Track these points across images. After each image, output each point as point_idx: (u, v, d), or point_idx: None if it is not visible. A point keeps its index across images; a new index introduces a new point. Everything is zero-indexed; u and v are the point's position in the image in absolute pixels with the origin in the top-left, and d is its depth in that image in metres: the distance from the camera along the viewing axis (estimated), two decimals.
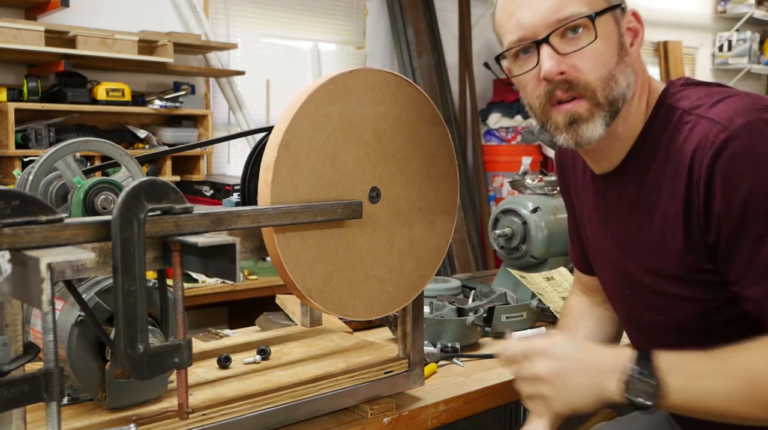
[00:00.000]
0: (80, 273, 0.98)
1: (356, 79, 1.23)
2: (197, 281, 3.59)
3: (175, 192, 1.01)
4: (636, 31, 1.18)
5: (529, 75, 1.15)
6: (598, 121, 1.13)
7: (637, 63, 1.18)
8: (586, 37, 1.11)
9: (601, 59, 1.12)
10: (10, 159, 3.44)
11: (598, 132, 1.14)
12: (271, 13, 4.70)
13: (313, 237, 1.19)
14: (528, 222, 2.04)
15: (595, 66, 1.11)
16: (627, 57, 1.15)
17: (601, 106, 1.13)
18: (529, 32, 1.12)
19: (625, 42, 1.15)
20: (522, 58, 1.16)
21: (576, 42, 1.11)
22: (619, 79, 1.13)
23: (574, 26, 1.10)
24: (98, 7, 3.94)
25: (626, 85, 1.14)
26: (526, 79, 1.16)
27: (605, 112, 1.13)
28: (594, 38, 1.10)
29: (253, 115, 4.47)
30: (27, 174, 1.18)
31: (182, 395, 1.07)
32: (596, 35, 1.10)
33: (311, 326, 1.70)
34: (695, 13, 7.52)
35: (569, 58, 1.11)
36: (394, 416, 1.33)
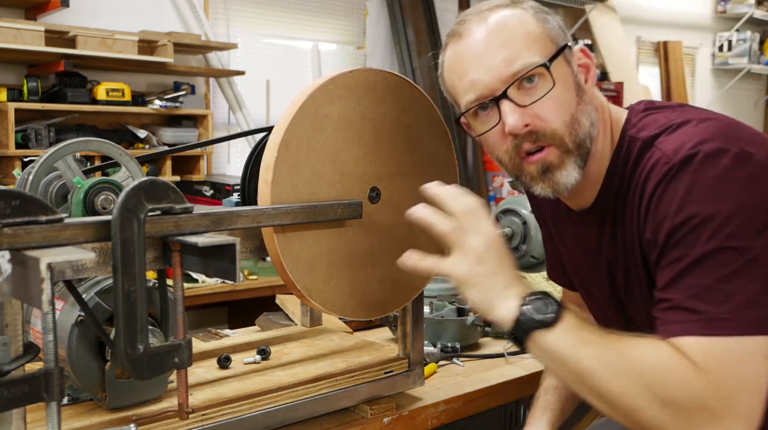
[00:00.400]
0: (80, 273, 0.98)
1: (356, 79, 1.23)
2: (197, 281, 3.59)
3: (175, 192, 1.01)
4: (587, 66, 1.16)
5: (493, 132, 1.13)
6: (570, 166, 1.12)
7: (595, 99, 1.16)
8: (543, 86, 1.09)
9: (562, 104, 1.10)
10: (10, 159, 3.44)
11: (573, 177, 1.12)
12: (271, 13, 4.70)
13: (313, 237, 1.19)
14: (528, 222, 2.04)
15: (558, 112, 1.10)
16: (585, 95, 1.13)
17: (570, 152, 1.11)
18: (485, 90, 1.10)
19: (580, 80, 1.14)
20: (482, 115, 1.13)
21: (534, 92, 1.09)
22: (582, 120, 1.11)
23: (529, 76, 1.08)
24: (98, 7, 3.94)
25: (590, 124, 1.13)
26: (491, 136, 1.14)
27: (575, 156, 1.12)
28: (552, 85, 1.08)
29: (253, 115, 4.47)
30: (27, 174, 1.18)
31: (182, 395, 1.07)
32: (554, 82, 1.09)
33: (311, 326, 1.70)
34: (695, 13, 7.53)
35: (530, 109, 1.09)
36: (394, 416, 1.33)
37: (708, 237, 0.98)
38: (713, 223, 0.98)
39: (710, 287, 0.97)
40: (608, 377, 0.99)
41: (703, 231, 0.98)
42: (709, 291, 0.97)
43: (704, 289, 0.98)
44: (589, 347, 1.02)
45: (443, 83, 1.19)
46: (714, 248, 0.97)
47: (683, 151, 1.01)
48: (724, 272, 0.97)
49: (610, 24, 6.33)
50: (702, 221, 0.98)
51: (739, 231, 0.97)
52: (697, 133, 1.04)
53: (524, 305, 1.04)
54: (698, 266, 0.98)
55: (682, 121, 1.08)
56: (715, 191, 0.98)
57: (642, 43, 7.01)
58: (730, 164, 0.99)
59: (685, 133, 1.05)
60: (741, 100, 8.09)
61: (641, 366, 0.98)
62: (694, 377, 0.96)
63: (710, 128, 1.04)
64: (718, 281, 0.97)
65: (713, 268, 0.97)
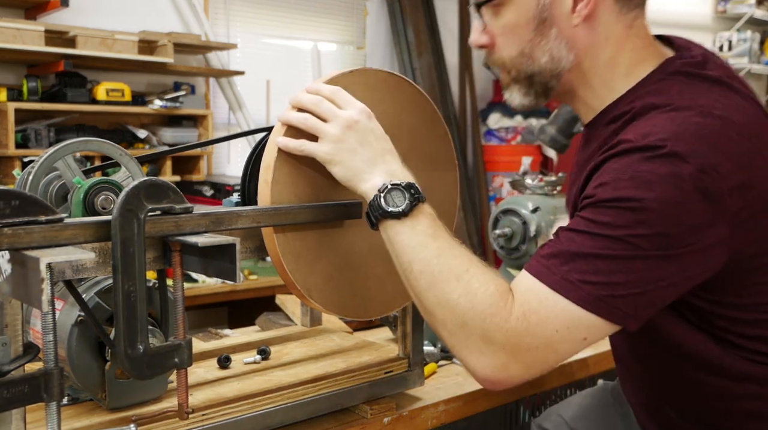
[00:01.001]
0: (80, 273, 0.98)
1: (356, 79, 1.23)
2: (197, 281, 3.59)
3: (175, 192, 1.01)
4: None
5: None
6: (515, 91, 1.17)
7: (584, 34, 1.10)
8: (505, 12, 1.12)
9: (512, 37, 1.13)
10: (10, 159, 3.44)
11: (517, 100, 1.17)
12: (271, 13, 4.70)
13: (313, 237, 1.19)
14: (528, 222, 2.04)
15: (506, 43, 1.13)
16: (552, 29, 1.10)
17: (516, 80, 1.15)
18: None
19: (550, 14, 1.09)
20: None
21: (497, 14, 1.12)
22: (536, 55, 1.12)
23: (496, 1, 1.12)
24: (98, 7, 3.94)
25: (548, 59, 1.12)
26: None
27: (519, 84, 1.15)
28: (509, 15, 1.11)
29: (253, 115, 4.47)
30: (27, 174, 1.18)
31: (182, 395, 1.07)
32: (513, 12, 1.11)
33: (311, 326, 1.70)
34: (695, 13, 7.52)
35: (488, 31, 1.14)
36: (394, 416, 1.33)
37: (618, 216, 0.97)
38: (630, 207, 0.96)
39: (582, 254, 0.98)
40: (427, 286, 1.05)
41: (620, 210, 0.97)
42: (577, 256, 0.98)
43: (575, 254, 0.99)
44: (426, 251, 1.06)
45: None
46: (616, 234, 0.96)
47: (652, 138, 0.98)
48: (608, 253, 0.97)
49: None
50: (622, 201, 0.97)
51: (652, 231, 0.95)
52: (682, 126, 0.99)
53: (381, 191, 1.08)
54: (586, 235, 0.99)
55: (687, 104, 1.03)
56: (652, 185, 0.95)
57: None
58: (685, 174, 0.95)
59: (674, 119, 1.01)
60: None
61: (461, 288, 1.02)
62: (505, 312, 1.00)
63: (701, 128, 0.99)
64: (594, 256, 0.97)
65: (599, 244, 0.97)
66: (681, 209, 0.95)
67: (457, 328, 1.03)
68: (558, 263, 1.00)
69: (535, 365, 1.02)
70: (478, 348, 1.02)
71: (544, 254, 1.02)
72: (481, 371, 1.02)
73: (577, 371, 1.70)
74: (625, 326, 1.00)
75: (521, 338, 1.00)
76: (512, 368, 1.01)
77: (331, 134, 1.12)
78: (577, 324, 0.99)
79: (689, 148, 0.96)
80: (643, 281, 0.97)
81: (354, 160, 1.11)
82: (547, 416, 1.46)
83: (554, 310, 0.99)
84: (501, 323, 1.00)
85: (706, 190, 0.96)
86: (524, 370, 1.02)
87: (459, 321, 1.02)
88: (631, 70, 1.12)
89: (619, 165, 1.00)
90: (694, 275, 1.00)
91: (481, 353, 1.01)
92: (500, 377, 1.02)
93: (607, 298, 0.97)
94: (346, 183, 1.13)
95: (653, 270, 0.97)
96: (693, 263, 0.98)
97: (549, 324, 0.99)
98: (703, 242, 0.97)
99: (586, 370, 1.72)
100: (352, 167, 1.11)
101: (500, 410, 1.56)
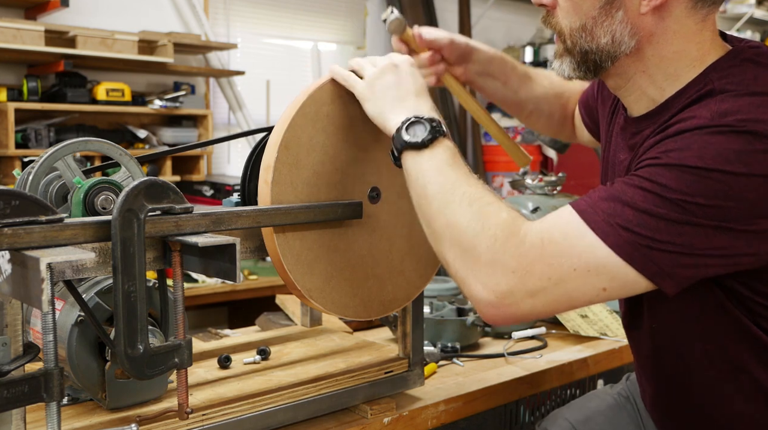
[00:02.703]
0: (80, 273, 0.98)
1: None
2: (197, 281, 3.59)
3: (175, 192, 1.01)
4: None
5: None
6: (565, 63, 1.13)
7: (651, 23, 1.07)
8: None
9: (576, 9, 1.09)
10: (10, 159, 3.44)
11: (565, 71, 1.14)
12: (271, 13, 4.70)
13: (313, 237, 1.19)
14: None
15: (569, 14, 1.10)
16: (620, 12, 1.07)
17: (569, 52, 1.12)
18: None
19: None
20: None
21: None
22: (597, 33, 1.09)
23: None
24: (98, 7, 3.94)
25: (609, 41, 1.09)
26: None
27: (571, 58, 1.12)
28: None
29: (253, 115, 4.47)
30: (27, 174, 1.18)
31: (182, 395, 1.07)
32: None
33: (311, 326, 1.70)
34: None
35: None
36: (394, 416, 1.33)
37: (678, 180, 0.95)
38: (693, 174, 0.94)
39: (631, 204, 0.96)
40: (439, 208, 1.05)
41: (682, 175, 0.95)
42: (626, 205, 0.96)
43: (624, 203, 0.97)
44: (442, 177, 1.07)
45: None
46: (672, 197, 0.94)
47: (730, 118, 0.96)
48: (659, 212, 0.95)
49: None
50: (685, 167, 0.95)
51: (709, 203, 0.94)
52: (762, 108, 0.97)
53: (404, 123, 1.11)
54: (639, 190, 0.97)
55: (763, 90, 1.01)
56: (720, 158, 0.94)
57: None
58: (759, 149, 0.94)
59: (752, 103, 0.99)
60: None
61: (475, 210, 1.02)
62: (519, 236, 0.99)
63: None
64: (643, 211, 0.95)
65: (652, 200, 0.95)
66: (746, 187, 0.94)
67: (464, 251, 1.02)
68: (604, 206, 0.97)
69: (542, 297, 0.98)
70: (485, 272, 0.99)
71: (595, 195, 1.00)
72: (486, 295, 0.99)
73: (576, 371, 1.70)
74: (662, 286, 0.97)
75: (533, 264, 0.97)
76: (517, 293, 0.98)
77: (372, 72, 1.18)
78: (601, 269, 0.96)
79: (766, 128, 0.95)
80: (688, 244, 0.95)
81: (386, 97, 1.15)
82: (553, 420, 1.44)
83: (578, 246, 0.96)
84: (513, 246, 0.98)
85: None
86: (528, 299, 0.98)
87: (467, 244, 1.01)
88: (697, 61, 1.10)
89: (690, 137, 0.97)
90: (742, 254, 0.97)
91: (487, 276, 0.99)
92: (504, 302, 0.98)
93: (645, 248, 0.94)
94: (375, 119, 1.16)
95: (701, 238, 0.95)
96: (744, 242, 0.96)
97: (567, 259, 0.97)
98: (761, 225, 0.95)
99: (586, 370, 1.72)
100: (382, 103, 1.15)
101: (500, 410, 1.56)
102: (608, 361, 1.77)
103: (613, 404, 1.43)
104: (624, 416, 1.40)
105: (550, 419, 1.45)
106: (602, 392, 1.50)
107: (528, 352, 1.72)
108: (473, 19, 5.47)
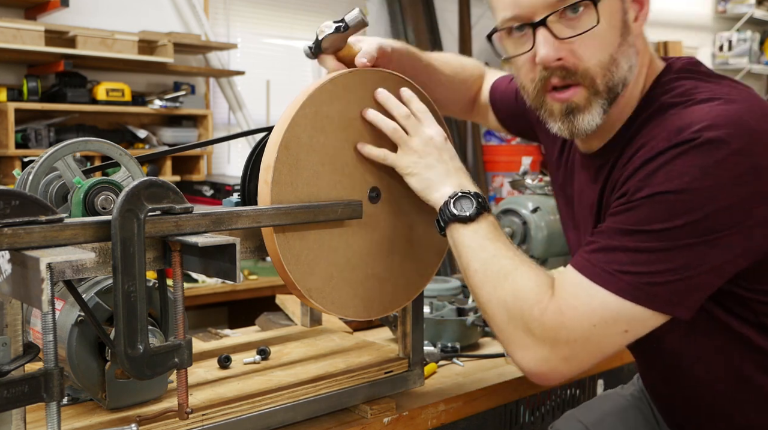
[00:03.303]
0: (80, 273, 0.98)
1: (356, 79, 1.23)
2: (197, 281, 3.59)
3: (175, 192, 1.01)
4: (642, 2, 1.09)
5: (523, 57, 1.08)
6: (596, 110, 1.07)
7: (639, 40, 1.09)
8: (587, 20, 1.02)
9: (602, 43, 1.03)
10: (10, 159, 3.44)
11: (595, 122, 1.08)
12: (271, 13, 4.70)
13: (313, 237, 1.19)
14: (528, 222, 2.04)
15: (596, 51, 1.03)
16: (630, 36, 1.06)
17: (599, 94, 1.06)
18: (526, 11, 1.04)
19: (629, 18, 1.06)
20: (516, 35, 1.08)
21: (575, 24, 1.02)
22: (621, 62, 1.05)
23: (574, 6, 1.02)
24: (98, 7, 3.94)
25: (628, 68, 1.07)
26: (521, 60, 1.09)
27: (603, 100, 1.07)
28: (596, 21, 1.01)
29: (253, 115, 4.47)
30: (27, 174, 1.18)
31: (182, 395, 1.07)
32: (598, 18, 1.01)
33: (311, 326, 1.70)
34: (695, 13, 7.52)
35: (568, 43, 1.03)
36: (394, 416, 1.33)
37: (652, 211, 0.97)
38: (664, 200, 0.96)
39: (621, 248, 1.00)
40: (481, 283, 1.11)
41: (654, 205, 0.97)
42: (616, 249, 1.00)
43: (614, 248, 1.00)
44: (484, 253, 1.11)
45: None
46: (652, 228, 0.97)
47: (686, 134, 0.98)
48: (646, 246, 0.98)
49: None
50: (655, 196, 0.97)
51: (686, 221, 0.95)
52: (711, 115, 0.98)
53: (452, 197, 1.15)
54: (622, 232, 1.00)
55: (707, 97, 1.02)
56: (685, 177, 0.96)
57: None
58: (720, 160, 0.95)
59: (701, 111, 1.00)
60: None
61: (508, 285, 1.07)
62: (543, 305, 1.03)
63: (730, 113, 0.98)
64: (633, 250, 0.99)
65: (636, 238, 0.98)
66: (716, 195, 0.95)
67: (504, 323, 1.08)
68: (598, 257, 1.01)
69: (575, 359, 1.03)
70: (522, 342, 1.05)
71: (586, 250, 1.04)
72: (526, 364, 1.06)
73: None
74: (674, 314, 1.00)
75: (557, 332, 1.02)
76: (553, 361, 1.04)
77: (413, 149, 1.20)
78: (616, 316, 0.99)
79: (722, 133, 0.96)
80: (683, 268, 0.97)
81: (430, 173, 1.19)
82: (566, 421, 1.44)
83: (591, 304, 1.00)
84: (538, 315, 1.03)
85: (743, 172, 0.95)
86: (564, 363, 1.04)
87: (506, 316, 1.07)
88: (642, 79, 1.11)
89: (654, 165, 0.99)
90: (737, 256, 0.98)
91: (525, 347, 1.05)
92: (543, 370, 1.05)
93: (646, 286, 0.98)
94: (420, 193, 1.21)
95: (693, 257, 0.97)
96: (734, 244, 0.97)
97: (585, 319, 1.01)
98: (744, 223, 0.97)
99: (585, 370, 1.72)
100: (427, 179, 1.19)
101: (500, 410, 1.56)
102: (608, 361, 1.77)
103: (626, 406, 1.43)
104: (638, 418, 1.40)
105: (563, 421, 1.45)
106: (614, 393, 1.50)
107: None
108: (473, 19, 5.47)
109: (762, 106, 1.03)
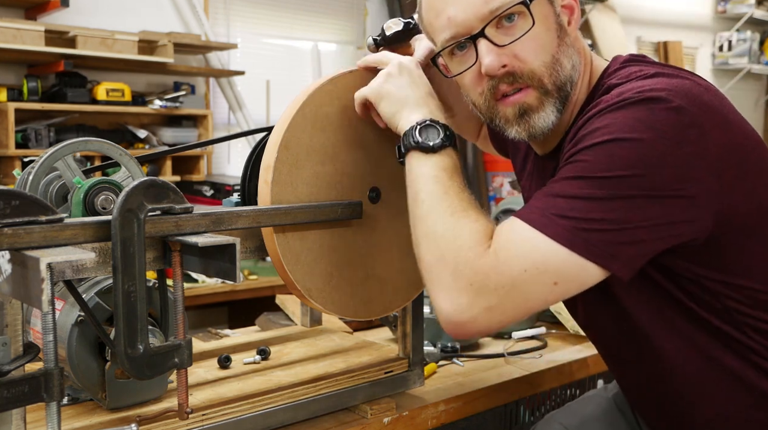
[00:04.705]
0: (80, 273, 0.98)
1: (356, 79, 1.23)
2: (197, 281, 3.59)
3: (175, 192, 1.01)
4: (571, 8, 1.13)
5: (469, 73, 1.11)
6: (549, 108, 1.09)
7: (577, 42, 1.13)
8: (523, 24, 1.05)
9: (542, 44, 1.07)
10: (10, 159, 3.44)
11: (550, 120, 1.10)
12: (271, 13, 4.70)
13: (313, 237, 1.19)
14: None
15: (538, 52, 1.07)
16: (567, 37, 1.10)
17: (549, 94, 1.09)
18: (462, 28, 1.07)
19: (563, 22, 1.10)
20: (458, 55, 1.12)
21: (513, 31, 1.06)
22: (564, 61, 1.09)
23: (508, 14, 1.05)
24: (98, 7, 3.94)
25: (571, 67, 1.10)
26: (467, 77, 1.12)
27: (554, 99, 1.09)
28: (531, 24, 1.05)
29: (253, 115, 4.47)
30: (27, 174, 1.18)
31: (182, 395, 1.07)
32: (533, 20, 1.05)
33: (311, 326, 1.70)
34: (695, 13, 7.52)
35: (509, 48, 1.06)
36: (394, 416, 1.33)
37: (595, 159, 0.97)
38: (609, 149, 0.96)
39: (561, 195, 0.98)
40: (424, 215, 1.07)
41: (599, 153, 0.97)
42: (557, 196, 0.98)
43: (555, 195, 0.99)
44: (437, 185, 1.08)
45: (421, 22, 1.18)
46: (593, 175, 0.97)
47: (627, 94, 0.99)
48: (587, 193, 0.96)
49: (610, 24, 6.33)
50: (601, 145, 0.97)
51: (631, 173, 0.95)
52: (656, 83, 1.00)
53: (419, 123, 1.11)
54: (566, 180, 0.99)
55: (654, 72, 1.04)
56: (633, 128, 0.96)
57: (642, 43, 7.01)
58: (663, 113, 0.96)
59: (646, 82, 1.02)
60: (741, 101, 8.09)
61: (451, 224, 1.04)
62: (479, 250, 1.00)
63: (674, 83, 1.00)
64: (573, 197, 0.97)
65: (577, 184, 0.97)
66: (661, 151, 0.95)
67: (434, 261, 1.03)
68: (538, 203, 1.00)
69: (498, 309, 0.99)
70: (448, 284, 1.01)
71: (530, 202, 1.03)
72: (446, 309, 1.01)
73: (576, 371, 1.70)
74: (609, 268, 0.97)
75: (487, 276, 0.98)
76: (474, 309, 0.99)
77: (387, 72, 1.18)
78: (548, 263, 0.97)
79: (664, 93, 0.97)
80: (623, 219, 0.96)
81: (400, 95, 1.16)
82: (547, 424, 1.43)
83: (525, 246, 0.98)
84: (472, 259, 0.99)
85: (685, 129, 0.95)
86: (485, 313, 0.99)
87: (438, 254, 1.03)
88: (586, 77, 1.15)
89: (596, 121, 1.00)
90: (678, 221, 0.97)
91: (449, 289, 1.01)
92: (462, 318, 1.00)
93: (582, 231, 0.95)
94: (389, 119, 1.17)
95: (633, 210, 0.96)
96: (678, 208, 0.96)
97: (517, 263, 0.98)
98: (687, 189, 0.96)
99: (585, 370, 1.72)
100: (397, 102, 1.15)
101: (500, 410, 1.56)
102: None
103: (608, 408, 1.41)
104: (621, 422, 1.38)
105: (544, 423, 1.44)
106: (597, 395, 1.48)
107: (528, 352, 1.72)
108: None
109: (707, 85, 1.04)
